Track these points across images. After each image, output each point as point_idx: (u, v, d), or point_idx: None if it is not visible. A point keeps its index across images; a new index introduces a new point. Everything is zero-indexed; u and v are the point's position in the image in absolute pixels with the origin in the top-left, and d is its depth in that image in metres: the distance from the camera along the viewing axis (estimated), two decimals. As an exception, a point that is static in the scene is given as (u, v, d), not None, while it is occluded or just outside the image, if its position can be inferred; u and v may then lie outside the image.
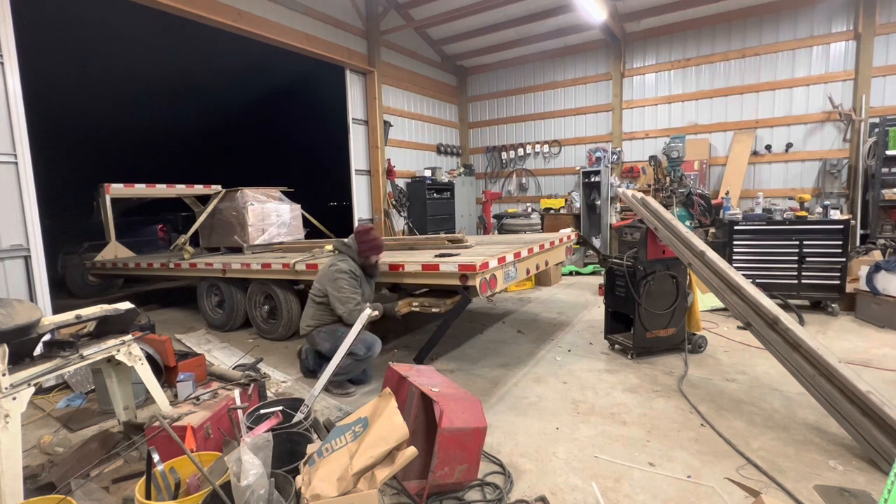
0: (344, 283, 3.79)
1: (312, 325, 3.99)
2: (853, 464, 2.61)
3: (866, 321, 5.15)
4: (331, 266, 3.92)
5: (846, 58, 7.62)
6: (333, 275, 3.84)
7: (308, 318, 4.02)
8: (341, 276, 3.82)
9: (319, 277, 4.01)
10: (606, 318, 4.68)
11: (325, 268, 4.01)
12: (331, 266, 3.92)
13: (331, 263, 3.95)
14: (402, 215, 9.62)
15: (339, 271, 3.84)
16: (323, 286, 3.92)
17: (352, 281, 3.84)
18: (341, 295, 3.78)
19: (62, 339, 2.68)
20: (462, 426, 2.36)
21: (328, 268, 3.95)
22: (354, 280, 3.88)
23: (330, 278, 3.86)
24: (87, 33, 8.76)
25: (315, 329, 3.97)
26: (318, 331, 3.94)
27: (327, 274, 3.91)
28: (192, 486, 2.23)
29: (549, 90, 10.61)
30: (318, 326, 3.97)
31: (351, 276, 3.86)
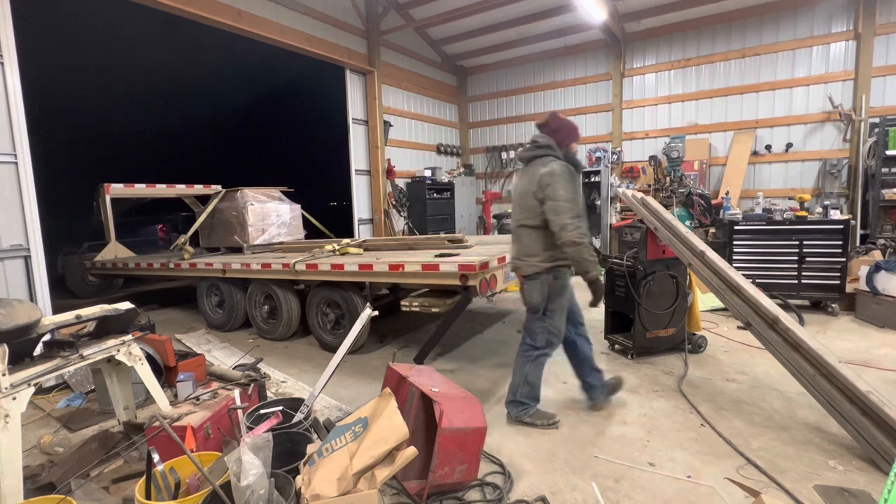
0: (560, 187, 2.87)
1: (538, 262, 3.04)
2: (853, 464, 2.61)
3: (866, 321, 5.15)
4: (536, 173, 2.97)
5: (846, 58, 7.61)
6: (545, 179, 2.90)
7: (529, 255, 3.07)
8: (556, 178, 2.88)
9: (522, 194, 3.09)
10: (606, 318, 4.68)
11: (527, 181, 3.04)
12: (536, 173, 2.97)
13: (533, 173, 3.00)
14: (402, 215, 9.61)
15: (551, 174, 2.89)
16: (531, 200, 2.99)
17: (567, 185, 2.90)
18: (556, 203, 2.86)
19: (62, 339, 2.68)
20: (462, 426, 2.36)
21: (532, 177, 2.99)
22: (570, 183, 2.94)
23: (541, 185, 2.91)
24: (87, 33, 8.76)
25: (541, 271, 3.05)
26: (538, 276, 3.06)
27: (536, 182, 2.95)
28: (192, 486, 2.23)
29: (549, 90, 10.60)
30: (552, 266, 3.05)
31: (565, 179, 2.92)
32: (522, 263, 3.11)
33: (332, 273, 4.61)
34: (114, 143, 12.02)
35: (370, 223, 9.29)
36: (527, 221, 3.05)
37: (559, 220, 2.85)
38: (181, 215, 10.05)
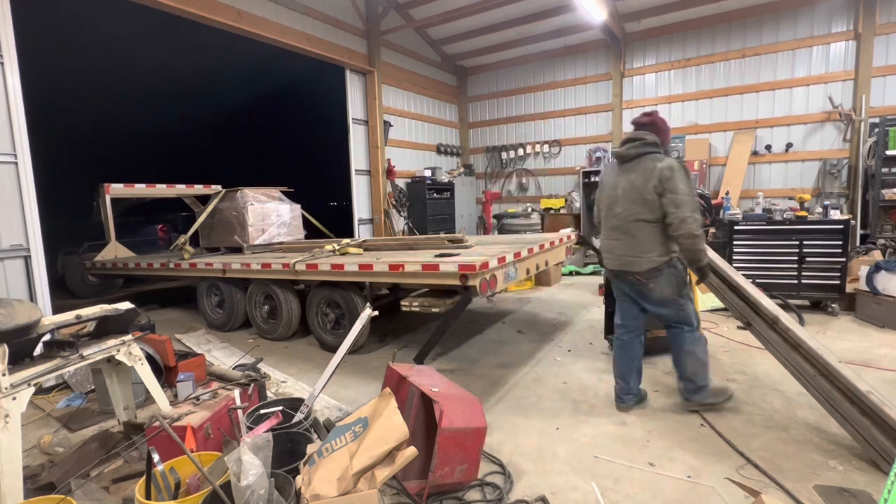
0: (680, 181, 2.88)
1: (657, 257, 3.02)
2: (853, 464, 2.61)
3: (866, 321, 5.15)
4: (654, 170, 2.93)
5: (846, 58, 7.61)
6: (665, 173, 2.88)
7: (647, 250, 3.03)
8: (676, 173, 2.88)
9: (636, 189, 3.01)
10: (606, 318, 4.68)
11: (641, 177, 2.99)
12: (654, 170, 2.93)
13: (651, 168, 2.95)
14: (402, 215, 9.61)
15: (671, 169, 2.88)
16: (650, 195, 2.94)
17: (686, 179, 2.92)
18: (677, 196, 2.86)
19: (62, 339, 2.68)
20: (462, 426, 2.36)
21: (648, 172, 2.95)
22: (688, 178, 2.95)
23: (661, 179, 2.89)
24: (87, 33, 8.76)
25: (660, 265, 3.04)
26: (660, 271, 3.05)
27: (654, 177, 2.92)
28: (192, 486, 2.23)
29: (549, 90, 10.61)
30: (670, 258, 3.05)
31: (684, 174, 2.93)
32: (639, 259, 3.08)
33: (332, 273, 4.61)
34: (114, 143, 12.02)
35: (370, 223, 9.29)
36: (644, 216, 3.02)
37: (680, 213, 2.87)
38: (181, 215, 10.04)
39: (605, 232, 3.32)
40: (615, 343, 3.48)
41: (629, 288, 3.27)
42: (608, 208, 3.25)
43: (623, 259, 3.16)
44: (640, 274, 3.09)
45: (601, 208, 3.38)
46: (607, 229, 3.29)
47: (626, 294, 3.35)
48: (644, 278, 3.10)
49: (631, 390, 3.38)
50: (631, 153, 3.11)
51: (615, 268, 3.25)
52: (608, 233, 3.29)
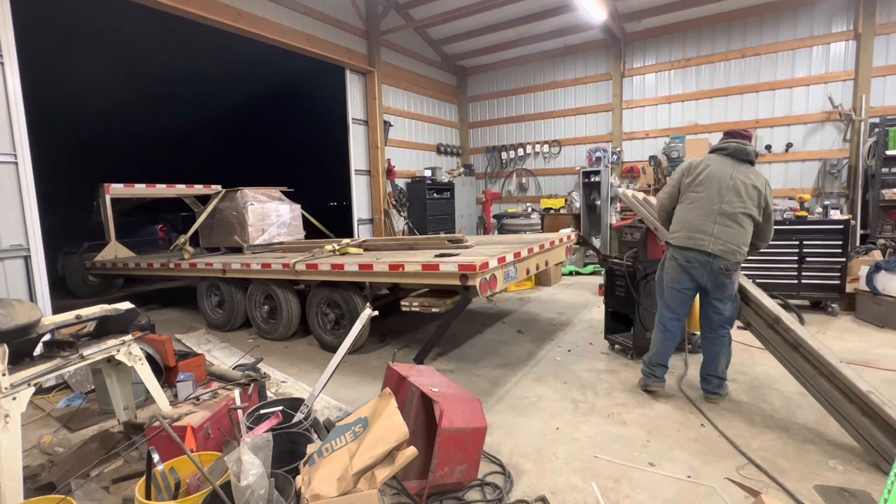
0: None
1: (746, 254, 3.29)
2: (853, 464, 2.61)
3: (866, 321, 5.15)
4: (763, 180, 3.27)
5: (846, 58, 7.61)
6: (769, 189, 3.29)
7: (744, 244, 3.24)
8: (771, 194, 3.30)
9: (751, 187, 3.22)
10: (606, 318, 4.68)
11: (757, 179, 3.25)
12: (763, 180, 3.27)
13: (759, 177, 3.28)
14: (402, 215, 9.61)
15: (769, 186, 3.30)
16: (761, 200, 3.24)
17: None
18: (773, 215, 3.35)
19: (62, 339, 2.68)
20: (462, 426, 2.36)
21: (759, 179, 3.26)
22: None
23: (769, 193, 3.27)
24: (87, 33, 8.76)
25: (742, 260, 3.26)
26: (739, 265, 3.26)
27: (764, 186, 3.26)
28: (192, 486, 2.23)
29: (549, 90, 10.60)
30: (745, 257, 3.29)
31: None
32: (738, 251, 3.21)
33: (332, 273, 4.61)
34: (114, 143, 12.00)
35: (370, 223, 9.28)
36: (752, 212, 3.22)
37: (770, 229, 3.33)
38: (181, 215, 10.04)
39: (708, 214, 3.25)
40: (663, 333, 3.52)
41: (707, 276, 3.27)
42: (723, 192, 3.24)
43: (727, 246, 3.21)
44: (731, 265, 3.21)
45: (706, 190, 3.28)
46: (712, 212, 3.24)
47: (693, 283, 3.36)
48: (732, 269, 3.23)
49: (663, 374, 3.58)
50: (752, 156, 3.31)
51: (714, 251, 3.20)
52: (713, 215, 3.24)
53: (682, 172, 3.45)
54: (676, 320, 3.48)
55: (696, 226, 3.27)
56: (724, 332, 3.36)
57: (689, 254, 3.28)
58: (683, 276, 3.36)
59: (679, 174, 3.47)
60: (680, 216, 3.40)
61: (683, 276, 3.36)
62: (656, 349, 3.55)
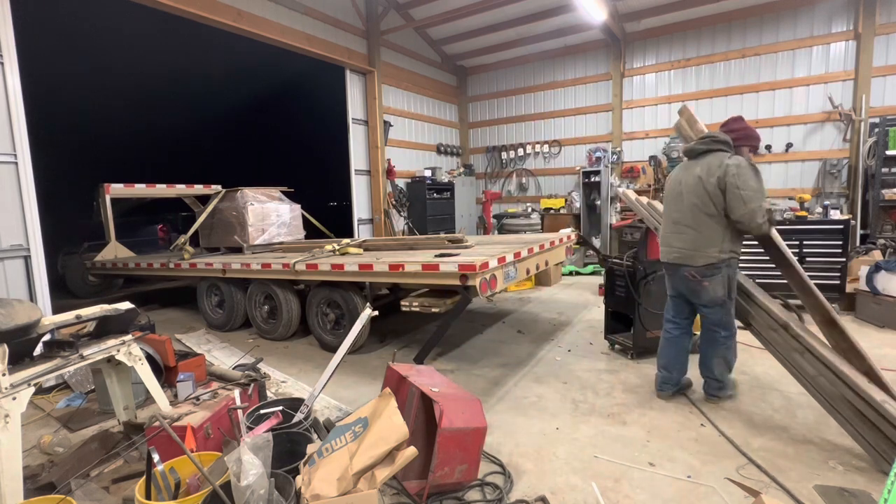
0: (749, 177, 2.96)
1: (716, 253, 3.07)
2: (853, 464, 2.61)
3: (866, 321, 5.15)
4: (720, 166, 3.01)
5: (846, 58, 7.61)
6: (731, 169, 2.96)
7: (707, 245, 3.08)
8: (743, 171, 2.95)
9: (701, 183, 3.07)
10: (606, 318, 4.68)
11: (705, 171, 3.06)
12: (720, 166, 3.01)
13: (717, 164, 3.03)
14: (402, 215, 9.61)
15: (738, 166, 2.96)
16: (712, 189, 3.02)
17: (755, 177, 2.99)
18: (744, 192, 2.92)
19: (62, 339, 2.68)
20: (462, 426, 2.36)
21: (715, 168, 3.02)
22: (757, 175, 3.02)
23: (728, 174, 2.96)
24: (87, 33, 8.75)
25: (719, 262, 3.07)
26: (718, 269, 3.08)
27: (718, 172, 3.00)
28: (192, 486, 2.23)
29: (549, 90, 10.60)
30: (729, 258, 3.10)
31: (753, 171, 3.01)
32: (697, 254, 3.13)
33: (332, 273, 4.61)
34: (114, 143, 12.01)
35: (370, 223, 9.28)
36: (707, 210, 3.08)
37: (748, 207, 2.94)
38: (181, 215, 10.05)
39: (667, 225, 3.37)
40: (663, 335, 3.56)
41: (682, 284, 3.30)
42: (672, 201, 3.30)
43: (681, 252, 3.20)
44: (696, 269, 3.13)
45: (665, 203, 3.45)
46: (669, 222, 3.34)
47: (677, 291, 3.43)
48: (699, 274, 3.13)
49: (672, 380, 3.50)
50: (699, 148, 3.19)
51: (671, 260, 3.29)
52: (669, 226, 3.34)
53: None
54: (672, 324, 3.52)
55: (661, 239, 3.47)
56: (715, 334, 3.30)
57: (663, 265, 3.46)
58: (668, 285, 3.53)
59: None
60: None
61: (668, 285, 3.53)
62: (658, 351, 3.60)
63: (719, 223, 3.08)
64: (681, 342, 3.49)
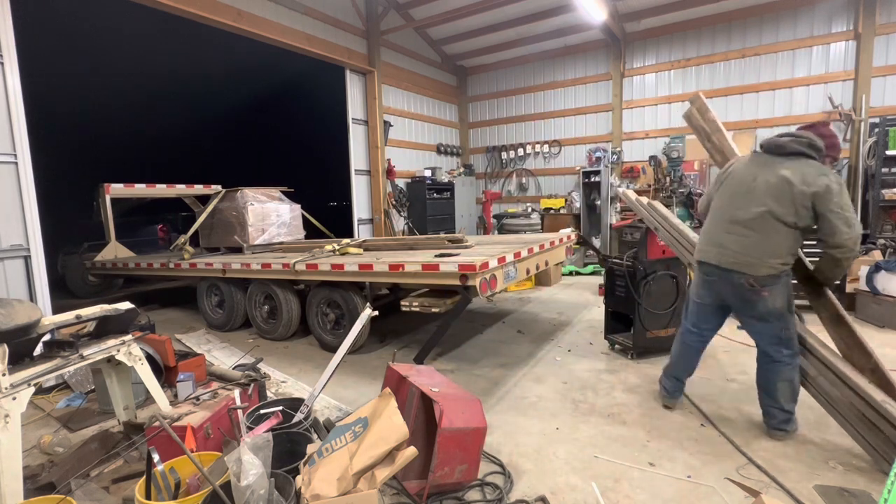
0: (847, 199, 2.61)
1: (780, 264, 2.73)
2: (853, 464, 2.61)
3: (866, 321, 5.15)
4: (820, 178, 2.59)
5: (846, 58, 7.61)
6: (830, 186, 2.56)
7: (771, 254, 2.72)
8: (843, 189, 2.60)
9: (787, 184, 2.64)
10: (606, 318, 4.68)
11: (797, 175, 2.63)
12: (820, 178, 2.59)
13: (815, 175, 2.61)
14: (402, 215, 9.61)
15: (840, 184, 2.60)
16: (803, 201, 2.60)
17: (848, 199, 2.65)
18: (848, 214, 2.56)
19: (62, 339, 2.69)
20: (462, 426, 2.36)
21: (813, 179, 2.59)
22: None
23: (832, 193, 2.55)
24: (87, 33, 8.76)
25: (780, 273, 2.75)
26: (778, 279, 2.75)
27: (817, 187, 2.57)
28: (192, 486, 2.23)
29: (549, 90, 10.60)
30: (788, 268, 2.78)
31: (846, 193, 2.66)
32: (759, 263, 2.73)
33: (332, 273, 4.61)
34: (114, 143, 12.01)
35: (370, 223, 9.28)
36: (786, 218, 2.66)
37: (852, 233, 2.55)
38: (181, 215, 10.05)
39: (719, 222, 2.91)
40: (680, 343, 3.26)
41: (731, 292, 2.89)
42: (735, 196, 2.84)
43: (737, 258, 2.79)
44: (756, 279, 2.76)
45: (722, 196, 2.96)
46: (724, 220, 2.88)
47: (716, 298, 3.01)
48: (758, 284, 2.76)
49: (682, 387, 3.36)
50: (792, 147, 2.73)
51: (723, 264, 2.84)
52: (724, 223, 2.88)
53: (716, 178, 3.10)
54: (694, 335, 3.18)
55: (708, 237, 2.98)
56: (777, 354, 2.85)
57: (706, 267, 2.97)
58: (703, 290, 3.07)
59: (714, 181, 3.13)
60: (703, 227, 3.11)
61: (703, 290, 3.07)
62: (670, 360, 3.36)
63: (790, 235, 2.70)
64: (699, 352, 3.24)
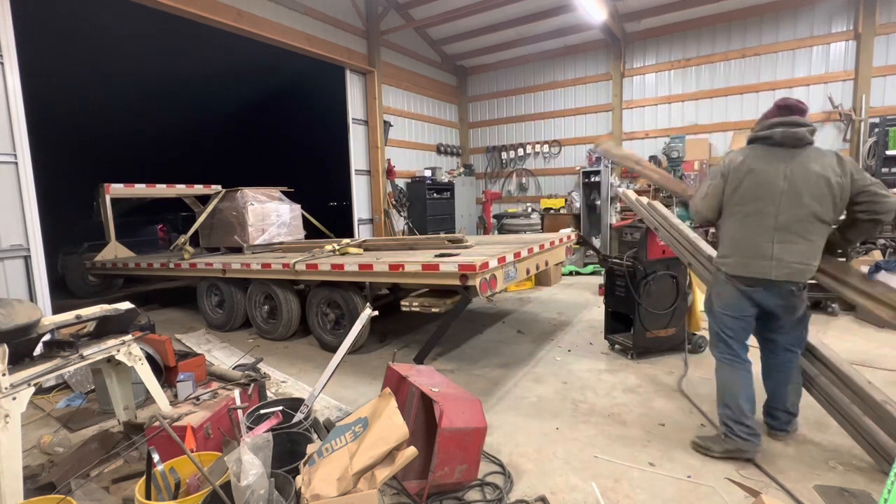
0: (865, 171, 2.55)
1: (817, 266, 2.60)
2: (853, 464, 2.61)
3: (866, 321, 5.15)
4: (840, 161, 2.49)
5: (846, 58, 7.61)
6: (850, 161, 2.49)
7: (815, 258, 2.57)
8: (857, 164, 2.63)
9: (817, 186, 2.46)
10: (606, 318, 4.68)
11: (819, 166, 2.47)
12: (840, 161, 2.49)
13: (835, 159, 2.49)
14: (402, 215, 9.61)
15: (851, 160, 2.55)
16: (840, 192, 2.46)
17: None
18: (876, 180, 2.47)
19: (62, 339, 2.68)
20: (462, 426, 2.36)
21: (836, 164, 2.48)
22: None
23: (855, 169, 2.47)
24: (87, 33, 8.76)
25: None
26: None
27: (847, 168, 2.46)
28: (192, 486, 2.23)
29: (549, 90, 10.60)
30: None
31: None
32: (807, 269, 2.55)
33: (332, 273, 4.61)
34: (114, 143, 12.02)
35: (370, 223, 9.29)
36: (826, 216, 2.50)
37: (893, 197, 2.41)
38: (181, 215, 10.05)
39: (765, 232, 2.57)
40: (739, 372, 2.75)
41: (780, 301, 2.64)
42: (770, 200, 2.54)
43: (793, 267, 2.53)
44: (803, 284, 2.61)
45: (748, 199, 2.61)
46: (768, 227, 2.55)
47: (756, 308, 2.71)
48: (799, 290, 2.63)
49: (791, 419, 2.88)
50: (808, 138, 2.54)
51: (780, 277, 2.55)
52: (768, 231, 2.56)
53: (721, 177, 2.71)
54: (743, 350, 2.78)
55: (752, 249, 2.60)
56: (793, 355, 2.77)
57: (751, 283, 2.65)
58: (745, 302, 2.69)
59: (718, 180, 2.72)
60: (730, 236, 2.70)
61: (745, 302, 2.69)
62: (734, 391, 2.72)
63: (826, 232, 2.57)
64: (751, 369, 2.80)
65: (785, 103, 2.64)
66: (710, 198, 2.78)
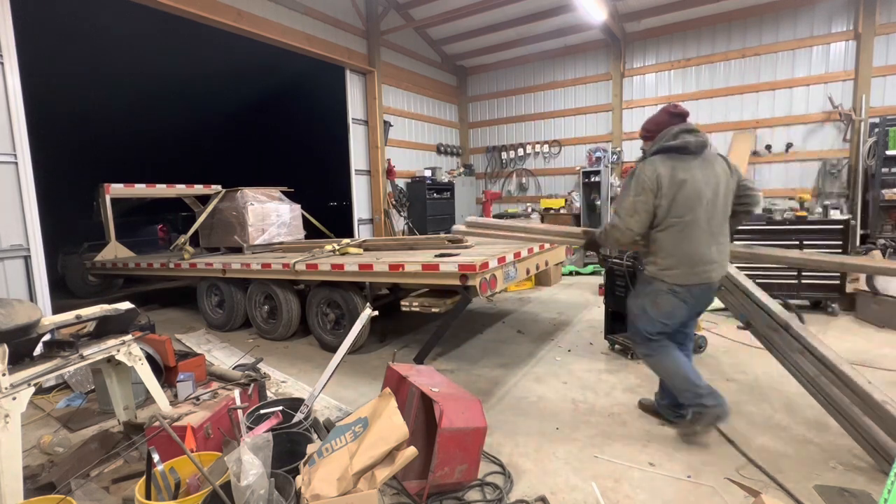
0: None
1: None
2: (853, 464, 2.61)
3: (866, 321, 5.15)
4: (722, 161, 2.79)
5: (846, 58, 7.61)
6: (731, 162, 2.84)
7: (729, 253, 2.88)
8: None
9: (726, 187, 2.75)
10: (606, 318, 4.68)
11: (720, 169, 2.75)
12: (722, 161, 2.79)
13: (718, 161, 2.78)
14: (402, 215, 9.62)
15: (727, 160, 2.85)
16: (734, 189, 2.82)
17: None
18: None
19: (62, 339, 2.68)
20: (462, 426, 2.36)
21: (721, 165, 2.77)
22: None
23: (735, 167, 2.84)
24: (87, 33, 8.76)
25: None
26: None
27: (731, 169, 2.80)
28: (192, 486, 2.23)
29: (549, 90, 10.61)
30: None
31: None
32: (727, 265, 2.85)
33: (332, 273, 4.61)
34: (114, 143, 12.02)
35: (370, 223, 9.29)
36: (728, 213, 2.80)
37: (752, 193, 2.81)
38: (181, 215, 10.05)
39: (704, 239, 2.69)
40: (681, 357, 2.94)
41: (710, 300, 2.94)
42: (702, 207, 2.65)
43: (724, 267, 2.84)
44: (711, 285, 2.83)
45: (685, 209, 2.66)
46: (704, 233, 2.68)
47: (689, 313, 2.93)
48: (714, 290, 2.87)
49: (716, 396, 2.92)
50: (705, 144, 2.75)
51: (718, 278, 2.81)
52: (706, 237, 2.69)
53: (649, 192, 2.67)
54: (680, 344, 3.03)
55: (696, 257, 2.70)
56: (687, 347, 3.12)
57: (695, 289, 2.76)
58: (683, 309, 2.83)
59: (646, 195, 2.68)
60: (671, 247, 2.73)
61: (683, 309, 2.83)
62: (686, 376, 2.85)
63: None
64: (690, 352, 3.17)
65: (678, 110, 2.84)
66: (640, 213, 2.72)
